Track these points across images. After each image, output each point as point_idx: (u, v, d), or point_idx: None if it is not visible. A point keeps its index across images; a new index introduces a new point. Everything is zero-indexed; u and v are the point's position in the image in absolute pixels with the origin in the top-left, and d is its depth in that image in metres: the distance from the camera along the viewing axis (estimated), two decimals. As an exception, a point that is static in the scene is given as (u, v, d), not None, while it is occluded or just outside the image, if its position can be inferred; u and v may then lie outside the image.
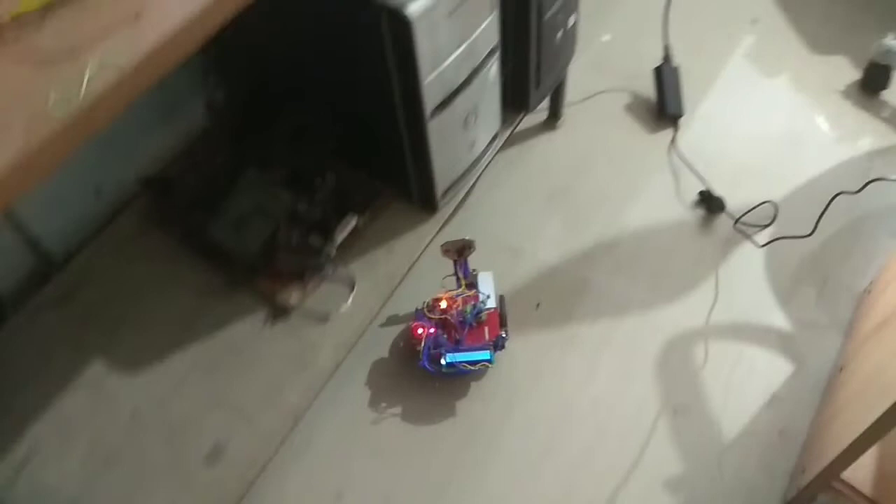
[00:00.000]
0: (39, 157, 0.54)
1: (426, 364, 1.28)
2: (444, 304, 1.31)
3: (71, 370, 1.25)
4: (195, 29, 0.63)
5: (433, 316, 1.30)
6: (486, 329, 1.31)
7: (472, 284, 1.35)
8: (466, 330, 1.30)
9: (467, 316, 1.30)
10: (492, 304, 1.34)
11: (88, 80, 0.57)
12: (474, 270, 1.36)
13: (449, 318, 1.30)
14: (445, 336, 1.30)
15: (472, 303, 1.32)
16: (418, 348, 1.28)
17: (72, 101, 0.56)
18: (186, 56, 0.64)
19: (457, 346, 1.29)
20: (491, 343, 1.30)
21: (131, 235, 1.40)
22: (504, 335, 1.31)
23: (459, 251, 1.34)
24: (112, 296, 1.33)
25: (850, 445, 0.97)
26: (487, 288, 1.35)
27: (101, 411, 1.21)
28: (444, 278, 1.38)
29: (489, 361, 1.29)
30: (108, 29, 0.62)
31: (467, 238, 1.33)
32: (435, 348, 1.28)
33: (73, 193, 1.36)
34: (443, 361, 1.27)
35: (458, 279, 1.36)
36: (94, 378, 1.24)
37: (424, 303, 1.33)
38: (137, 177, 1.42)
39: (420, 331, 1.29)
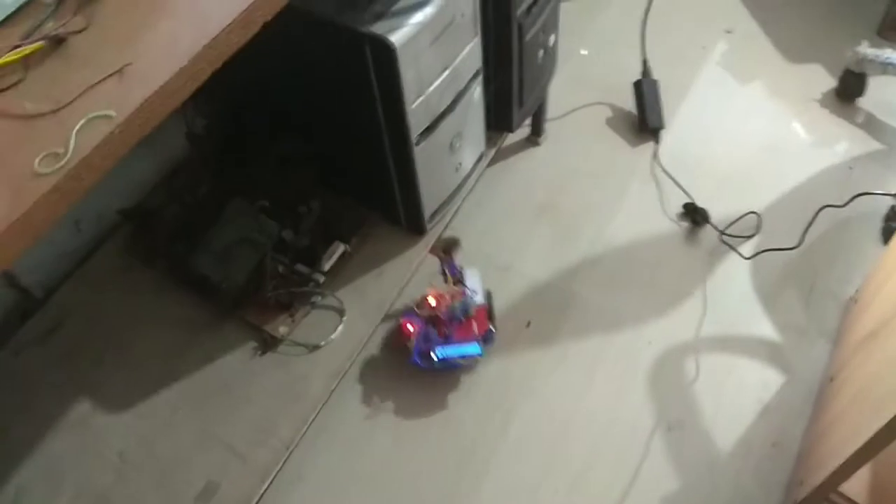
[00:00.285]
0: (29, 220, 0.52)
1: (417, 360, 1.29)
2: (432, 301, 1.32)
3: (56, 409, 1.22)
4: (185, 80, 0.61)
5: (422, 313, 1.31)
6: (475, 324, 1.33)
7: (460, 281, 1.37)
8: (455, 325, 1.31)
9: (456, 311, 1.31)
10: (479, 299, 1.35)
11: (77, 136, 0.55)
12: (461, 267, 1.38)
13: (438, 314, 1.31)
14: (435, 332, 1.31)
15: (460, 299, 1.33)
16: (408, 345, 1.29)
17: (60, 159, 0.54)
18: (177, 106, 0.62)
19: (447, 341, 1.30)
20: (480, 337, 1.31)
21: (113, 269, 1.37)
22: (492, 329, 1.33)
23: (445, 249, 1.37)
24: (95, 332, 1.30)
25: (849, 458, 0.97)
26: (474, 284, 1.37)
27: (89, 451, 1.19)
28: (432, 277, 1.39)
29: (479, 355, 1.30)
30: (95, 81, 0.60)
31: (453, 236, 1.34)
32: (425, 344, 1.29)
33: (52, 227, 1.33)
34: (434, 357, 1.28)
35: (445, 276, 1.38)
36: (80, 417, 1.22)
37: (413, 300, 1.34)
38: (118, 209, 1.39)
39: (410, 328, 1.30)
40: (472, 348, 1.30)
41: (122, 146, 0.58)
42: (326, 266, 1.29)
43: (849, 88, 1.72)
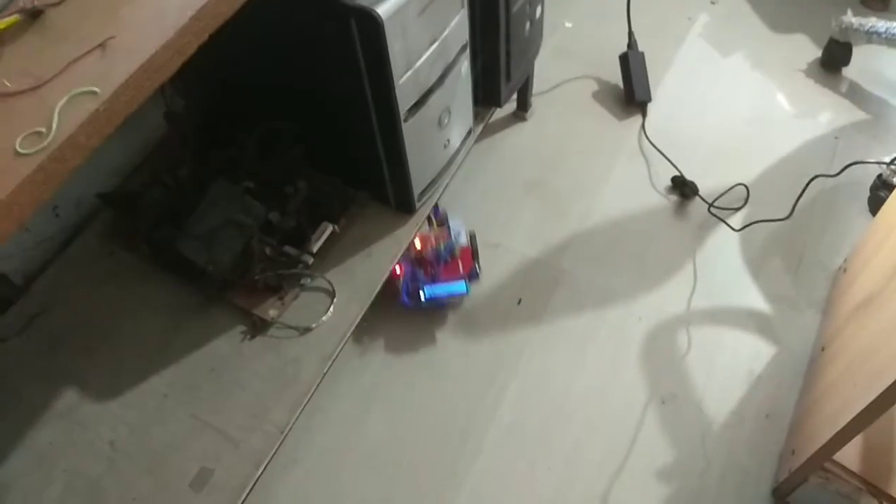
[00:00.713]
0: (13, 203, 0.49)
1: (406, 299, 1.34)
2: (418, 244, 1.36)
3: (43, 401, 1.19)
4: (171, 53, 0.58)
5: (409, 255, 1.35)
6: (460, 263, 1.39)
7: (444, 223, 1.41)
8: (441, 265, 1.37)
9: (441, 252, 1.37)
10: (463, 240, 1.41)
11: (60, 114, 0.52)
12: (444, 210, 1.42)
13: (424, 255, 1.37)
14: (422, 272, 1.35)
15: (445, 240, 1.39)
16: (397, 285, 1.34)
17: (43, 138, 0.51)
18: (164, 81, 0.60)
19: (434, 281, 1.35)
20: (466, 275, 1.38)
21: (95, 255, 1.33)
22: (477, 267, 1.40)
23: None
24: (79, 319, 1.27)
25: (844, 428, 0.98)
26: (457, 226, 1.42)
27: (78, 442, 1.16)
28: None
29: (465, 293, 1.37)
30: (76, 56, 0.57)
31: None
32: (413, 284, 1.35)
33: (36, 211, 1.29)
34: (422, 296, 1.34)
35: (429, 220, 1.40)
36: (67, 408, 1.19)
37: None
38: (97, 192, 1.35)
39: (398, 269, 1.34)
40: (459, 286, 1.36)
41: (108, 124, 0.55)
42: (315, 247, 1.27)
43: (834, 58, 1.72)
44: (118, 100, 0.56)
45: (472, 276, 1.39)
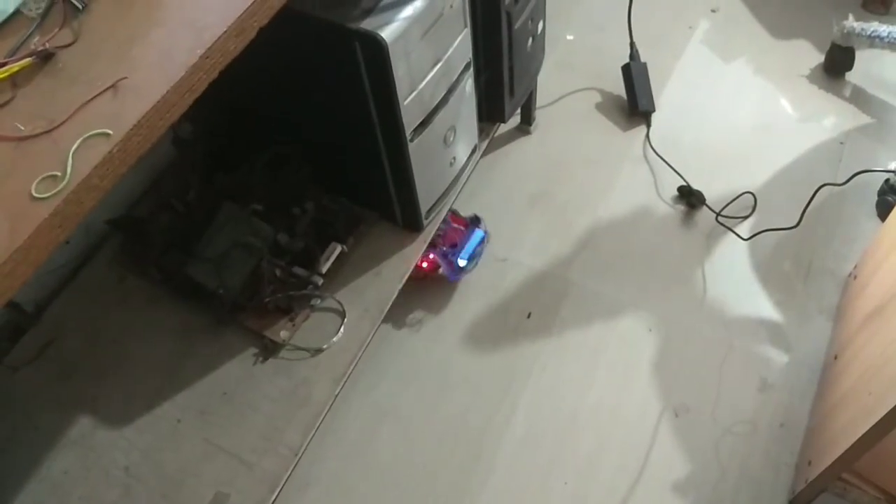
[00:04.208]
0: (31, 247, 0.50)
1: (454, 277, 1.43)
2: None
3: (57, 426, 1.20)
4: (182, 92, 0.59)
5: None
6: (458, 224, 1.45)
7: None
8: (448, 235, 1.43)
9: (440, 226, 1.41)
10: None
11: (74, 157, 0.53)
12: None
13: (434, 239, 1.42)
14: (441, 249, 1.43)
15: None
16: (438, 274, 1.43)
17: (58, 182, 0.52)
18: (175, 120, 0.60)
19: (455, 249, 1.42)
20: (470, 225, 1.45)
21: (105, 281, 1.34)
22: (476, 215, 1.47)
23: None
24: (92, 346, 1.27)
25: (861, 438, 0.97)
26: None
27: (93, 468, 1.16)
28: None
29: (484, 236, 1.45)
30: (88, 98, 0.57)
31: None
32: (446, 261, 1.42)
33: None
34: (461, 263, 1.41)
35: None
36: (81, 435, 1.19)
37: None
38: (106, 219, 1.36)
39: (424, 264, 1.41)
40: (477, 235, 1.43)
41: (122, 165, 0.56)
42: (324, 268, 1.27)
43: (836, 63, 1.72)
44: (131, 140, 0.56)
45: (474, 221, 1.45)
